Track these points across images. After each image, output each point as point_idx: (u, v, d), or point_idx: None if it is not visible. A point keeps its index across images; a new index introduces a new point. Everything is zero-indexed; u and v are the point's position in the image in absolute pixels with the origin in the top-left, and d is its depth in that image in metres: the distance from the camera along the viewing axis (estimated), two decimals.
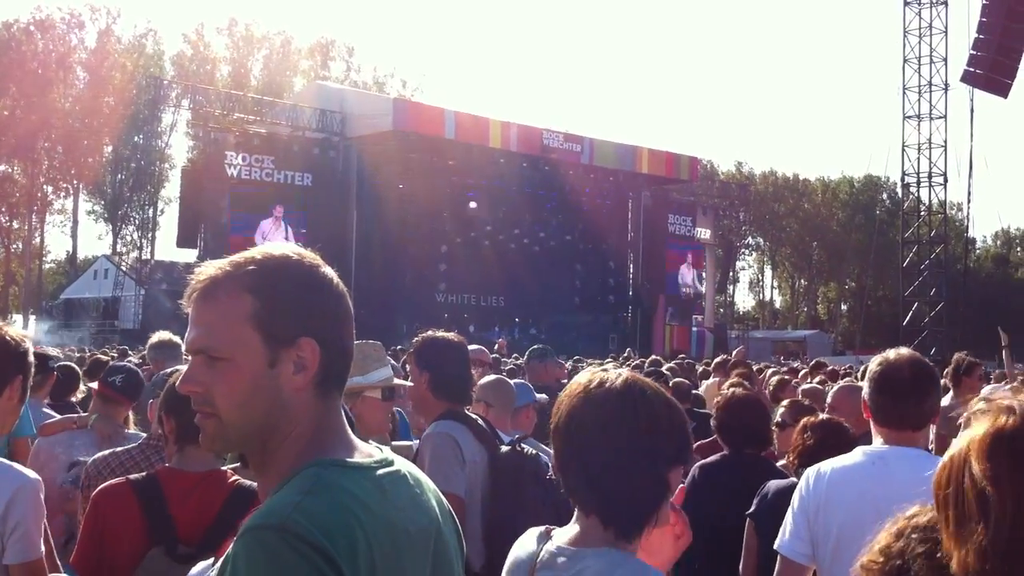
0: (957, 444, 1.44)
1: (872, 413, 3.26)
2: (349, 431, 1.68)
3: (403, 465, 1.69)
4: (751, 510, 4.01)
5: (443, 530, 1.70)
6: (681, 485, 4.20)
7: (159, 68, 59.95)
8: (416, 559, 1.60)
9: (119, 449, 3.75)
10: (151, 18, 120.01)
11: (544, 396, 5.76)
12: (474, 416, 4.23)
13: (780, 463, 5.00)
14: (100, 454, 3.76)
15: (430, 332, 4.31)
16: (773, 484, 4.01)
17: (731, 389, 4.98)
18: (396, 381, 4.39)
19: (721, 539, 4.29)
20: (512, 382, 5.91)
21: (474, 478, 4.01)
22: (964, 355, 7.80)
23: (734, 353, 11.02)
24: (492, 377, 5.27)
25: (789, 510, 3.30)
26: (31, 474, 2.98)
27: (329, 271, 1.68)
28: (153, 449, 3.67)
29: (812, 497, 3.22)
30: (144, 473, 3.09)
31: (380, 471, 1.61)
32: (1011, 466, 1.34)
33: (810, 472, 3.29)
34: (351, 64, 71.61)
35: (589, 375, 2.05)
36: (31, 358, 3.08)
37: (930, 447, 4.80)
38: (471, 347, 4.88)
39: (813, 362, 12.40)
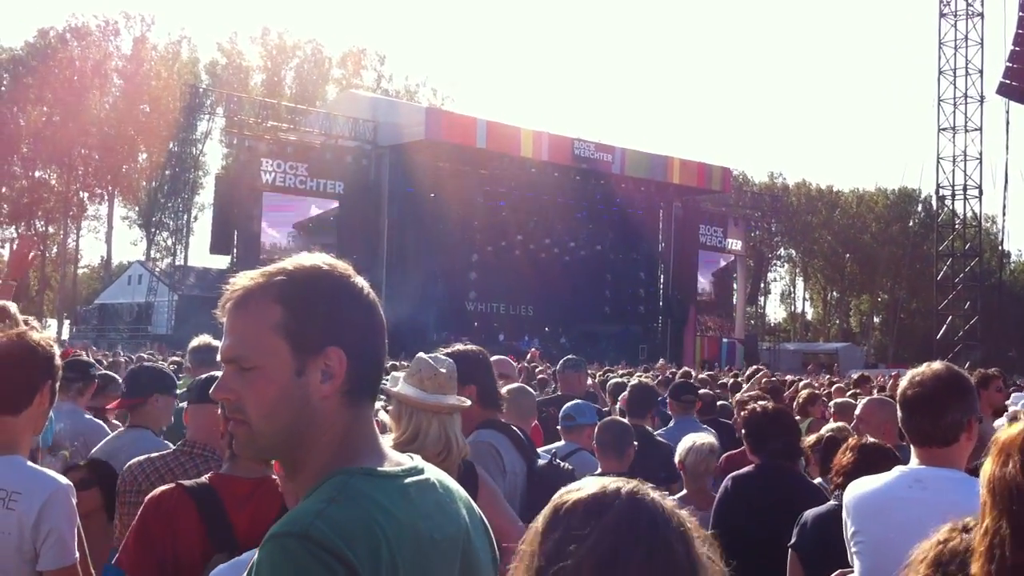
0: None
1: (903, 430, 3.19)
2: (379, 440, 1.69)
3: (433, 473, 1.70)
4: (792, 541, 3.84)
5: (473, 539, 1.70)
6: None
7: (193, 76, 60.35)
8: (443, 567, 1.60)
9: (154, 455, 3.75)
10: (185, 26, 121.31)
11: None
12: (515, 428, 4.26)
13: (817, 480, 4.94)
14: (134, 460, 3.74)
15: (456, 346, 4.31)
16: (811, 513, 3.84)
17: (759, 402, 4.96)
18: None
19: (750, 552, 4.25)
20: (579, 402, 5.95)
21: (513, 488, 4.08)
22: (982, 370, 7.76)
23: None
24: (514, 385, 5.33)
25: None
26: (63, 479, 3.00)
27: (360, 281, 1.69)
28: (187, 455, 3.67)
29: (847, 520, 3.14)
30: (197, 480, 3.07)
31: (408, 479, 1.62)
32: None
33: (845, 496, 3.19)
34: (382, 73, 71.79)
35: None
36: (58, 362, 3.10)
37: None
38: (493, 358, 4.91)
39: (857, 375, 12.10)
